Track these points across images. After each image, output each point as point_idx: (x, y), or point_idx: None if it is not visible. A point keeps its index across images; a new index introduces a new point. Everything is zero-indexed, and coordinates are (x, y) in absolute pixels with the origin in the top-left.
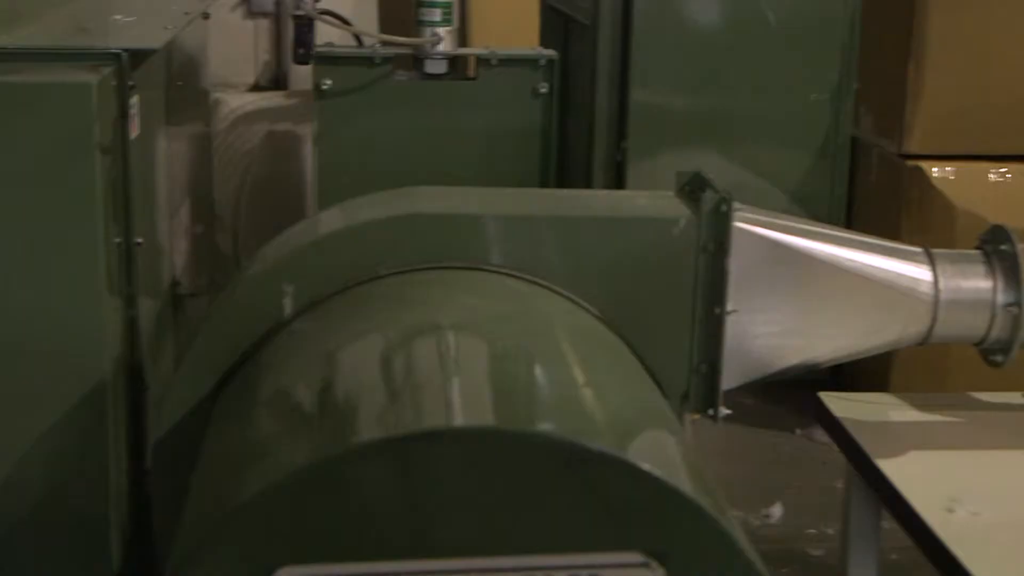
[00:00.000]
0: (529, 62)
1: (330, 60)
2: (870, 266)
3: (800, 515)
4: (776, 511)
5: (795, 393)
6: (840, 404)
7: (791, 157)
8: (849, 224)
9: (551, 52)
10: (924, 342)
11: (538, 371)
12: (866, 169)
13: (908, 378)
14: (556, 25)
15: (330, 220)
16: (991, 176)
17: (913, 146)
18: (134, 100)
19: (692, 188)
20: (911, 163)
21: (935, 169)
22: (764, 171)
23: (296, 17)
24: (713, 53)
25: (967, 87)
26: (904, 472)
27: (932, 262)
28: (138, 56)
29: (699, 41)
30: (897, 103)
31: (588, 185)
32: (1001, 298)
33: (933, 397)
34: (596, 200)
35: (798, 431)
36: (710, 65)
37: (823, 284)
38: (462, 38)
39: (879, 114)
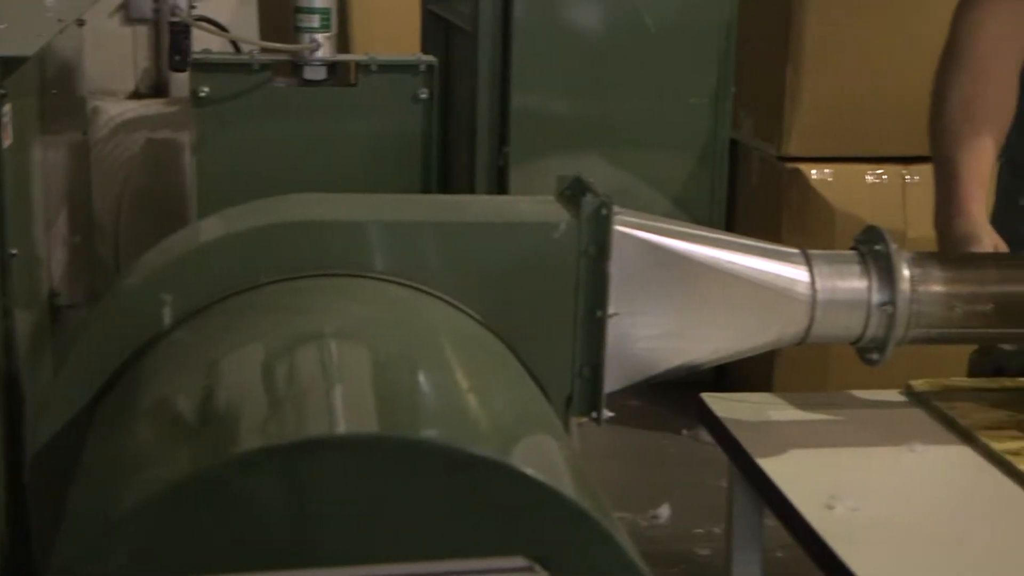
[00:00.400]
0: (409, 68)
1: (207, 67)
2: (748, 268)
3: (687, 515)
4: (664, 512)
5: (681, 394)
6: (722, 404)
7: (672, 161)
8: (732, 226)
9: (431, 58)
10: (802, 342)
11: (421, 377)
12: (747, 172)
13: (791, 377)
14: (437, 31)
15: (209, 228)
16: (868, 178)
17: (792, 149)
18: (6, 108)
19: (572, 192)
20: (790, 166)
21: (814, 171)
22: (646, 175)
23: (172, 24)
24: (593, 58)
25: (844, 90)
26: (785, 471)
27: (809, 263)
28: (9, 64)
29: (579, 46)
30: (776, 107)
31: (471, 190)
32: (876, 297)
33: (814, 396)
34: (478, 205)
35: (685, 432)
36: (590, 70)
37: (703, 286)
38: (344, 44)
39: (759, 118)
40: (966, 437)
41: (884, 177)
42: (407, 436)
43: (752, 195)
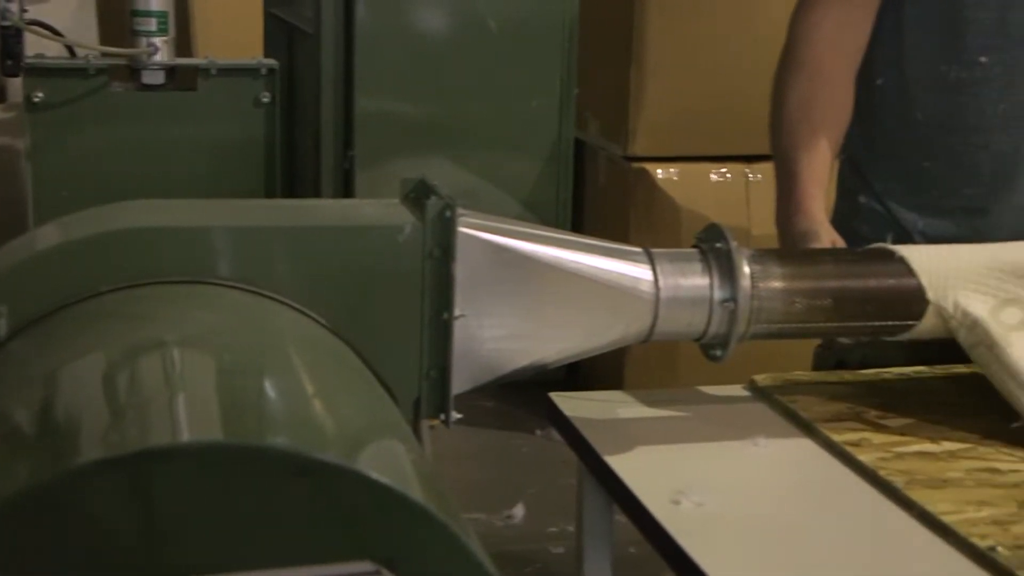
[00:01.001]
0: (250, 72)
1: (41, 72)
2: (593, 267)
3: (542, 514)
4: (518, 511)
5: (534, 394)
6: (570, 403)
7: (518, 162)
8: (580, 226)
9: (272, 61)
10: (647, 339)
11: (267, 384)
12: (594, 172)
13: (640, 375)
14: (280, 34)
15: (45, 237)
16: (712, 176)
17: (638, 149)
18: None
19: (417, 195)
20: (636, 165)
21: (659, 171)
22: (493, 177)
23: (3, 28)
24: (437, 60)
25: (688, 90)
26: (632, 467)
27: (652, 262)
28: None
29: (423, 48)
30: (620, 107)
31: (317, 195)
32: (718, 294)
33: (661, 393)
34: (323, 209)
35: (538, 432)
36: (435, 72)
37: (548, 286)
38: (187, 48)
39: (604, 118)
40: (808, 430)
41: (728, 176)
42: (252, 443)
43: (600, 195)
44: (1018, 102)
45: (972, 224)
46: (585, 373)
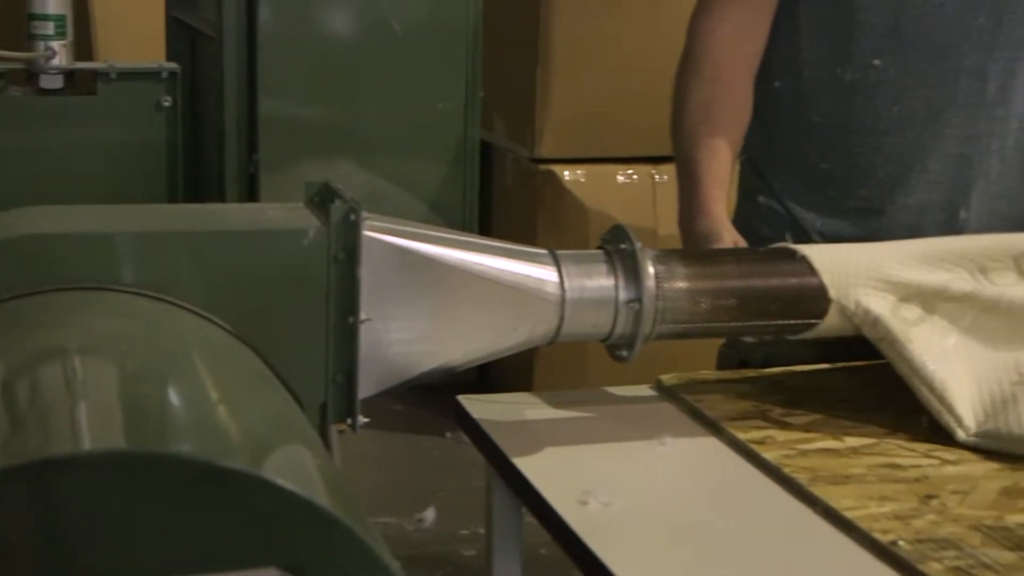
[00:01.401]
0: (151, 75)
1: None
2: (498, 269)
3: (453, 517)
4: (429, 515)
5: (444, 397)
6: (478, 406)
7: (424, 165)
8: (488, 228)
9: (173, 65)
10: (553, 341)
11: (170, 391)
12: (502, 174)
13: (550, 376)
14: (183, 38)
15: None
16: (619, 178)
17: (545, 151)
18: None
19: (321, 198)
20: (544, 167)
21: (567, 172)
22: (399, 180)
23: None
24: (342, 63)
25: (594, 92)
26: (540, 469)
27: (557, 263)
28: None
29: (327, 51)
30: (527, 109)
31: (222, 199)
32: (623, 295)
33: (569, 394)
34: (227, 214)
35: (448, 434)
36: (339, 75)
37: (454, 289)
38: (87, 53)
39: (511, 121)
40: (713, 428)
41: (634, 177)
42: (155, 450)
43: (507, 197)
44: (912, 104)
45: (868, 224)
46: (496, 375)
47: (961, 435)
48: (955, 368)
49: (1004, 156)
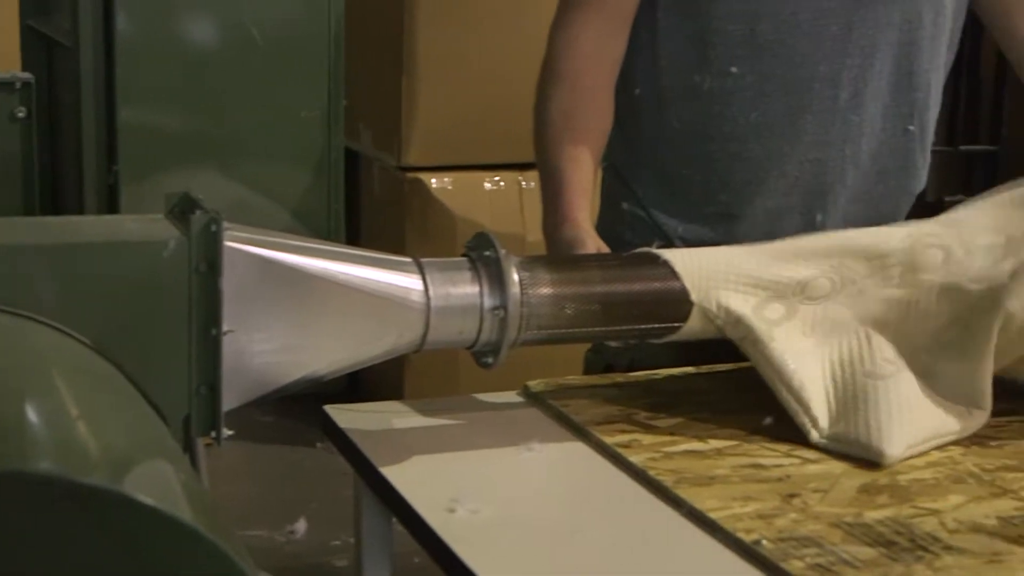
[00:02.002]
0: (4, 86)
1: None
2: (362, 278)
3: (324, 528)
4: (300, 526)
5: (315, 407)
6: (346, 416)
7: (289, 174)
8: (356, 237)
9: (27, 75)
10: (419, 349)
11: (28, 407)
12: (369, 183)
13: (421, 384)
14: (38, 47)
15: None
16: (486, 185)
17: (411, 159)
18: None
19: (181, 209)
20: (411, 175)
21: (434, 180)
22: (264, 189)
23: None
24: (202, 72)
25: (460, 99)
26: (407, 478)
27: (422, 271)
28: None
29: (187, 59)
30: (393, 117)
31: (81, 211)
32: (488, 302)
33: (438, 402)
34: (84, 226)
35: (319, 445)
36: (200, 84)
37: (318, 299)
38: None
39: (377, 128)
40: (580, 433)
41: (502, 184)
42: (14, 468)
43: (375, 205)
44: (769, 111)
45: (728, 229)
46: (367, 384)
47: (815, 436)
48: (813, 367)
49: (858, 161)
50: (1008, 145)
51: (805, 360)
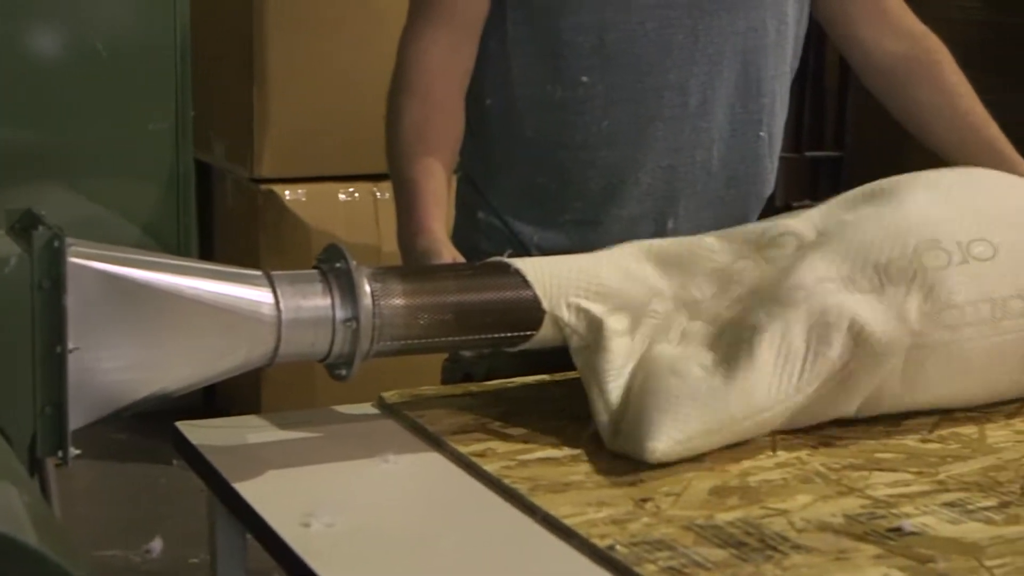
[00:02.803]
0: None
1: None
2: (212, 293)
3: (181, 546)
4: (156, 545)
5: (170, 424)
6: (198, 432)
7: (138, 189)
8: (210, 251)
9: None
10: (272, 362)
11: None
12: (222, 196)
13: (279, 397)
14: None
15: None
16: (341, 196)
17: (264, 170)
18: None
19: (23, 226)
20: (264, 187)
21: (287, 192)
22: (113, 204)
23: None
24: (46, 85)
25: (312, 111)
26: (261, 493)
27: (272, 284)
28: None
29: (29, 73)
30: (245, 129)
31: None
32: (340, 314)
33: (293, 415)
34: None
35: (175, 462)
36: (44, 98)
37: (166, 315)
38: None
39: (229, 141)
40: (436, 443)
41: (356, 195)
42: None
43: (229, 218)
44: (620, 119)
45: (583, 236)
46: (223, 398)
47: (608, 440)
48: (641, 379)
49: (708, 167)
50: (852, 151)
51: (634, 372)
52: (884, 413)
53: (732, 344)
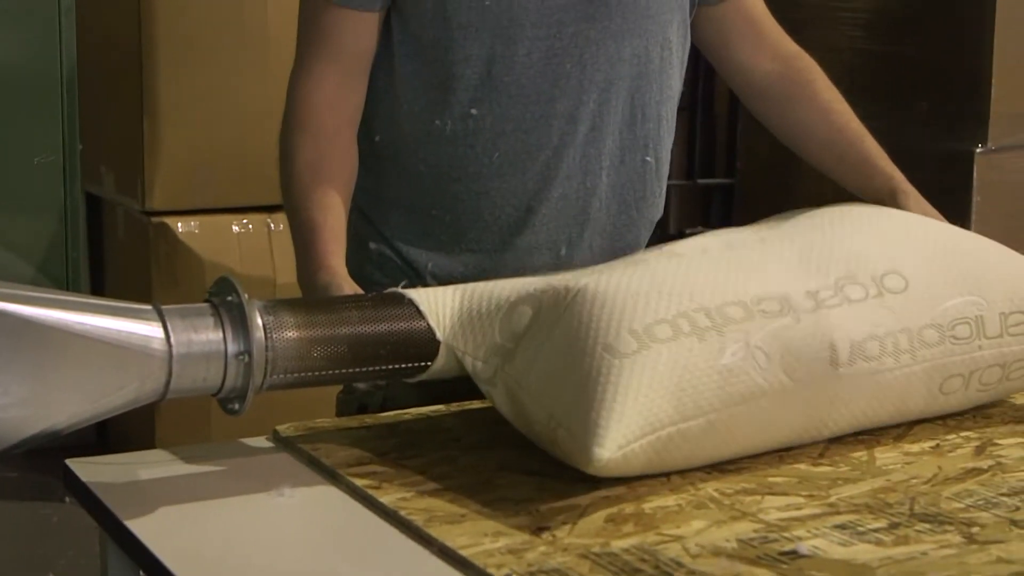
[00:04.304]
0: None
1: None
2: (100, 328)
3: None
4: None
5: (62, 460)
6: (89, 468)
7: (26, 223)
8: (102, 284)
9: None
10: (163, 397)
11: None
12: (113, 228)
13: (173, 432)
14: None
15: None
16: (235, 228)
17: (156, 203)
18: None
19: None
20: (156, 220)
21: (180, 224)
22: (3, 242)
23: None
24: None
25: (203, 142)
26: (154, 529)
27: (163, 319)
28: None
29: None
30: (135, 161)
31: None
32: (231, 348)
33: (188, 450)
34: None
35: (68, 499)
36: None
37: (53, 350)
38: None
39: (120, 173)
40: (331, 476)
41: (250, 227)
42: None
43: (121, 251)
44: (510, 150)
45: (479, 264)
46: (117, 434)
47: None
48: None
49: (599, 194)
50: (743, 177)
51: None
52: (803, 443)
53: None
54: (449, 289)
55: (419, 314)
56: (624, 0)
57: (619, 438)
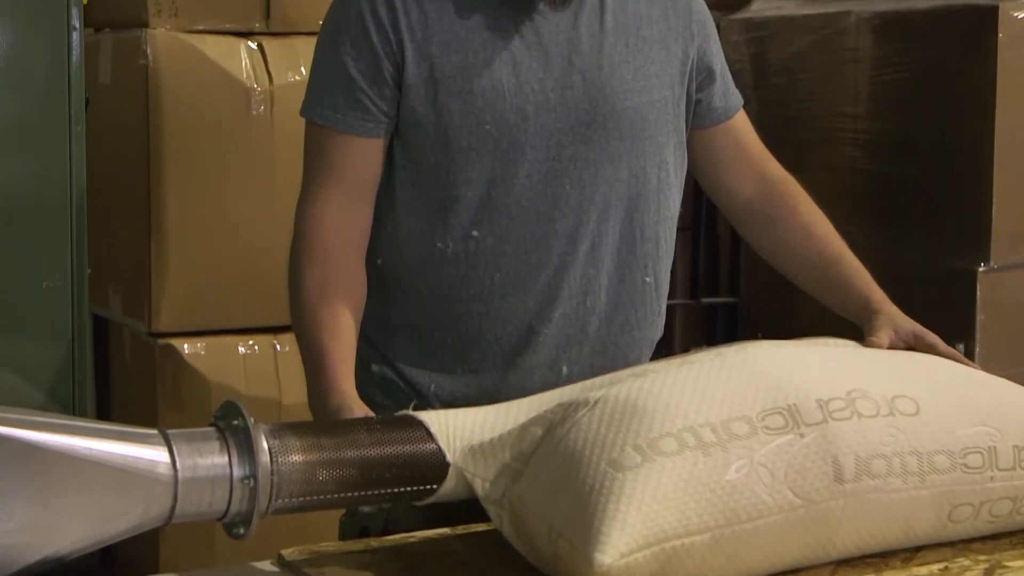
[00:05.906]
0: None
1: None
2: (105, 452)
3: None
4: None
5: None
6: None
7: (33, 348)
8: (108, 408)
9: None
10: (168, 522)
11: None
12: (120, 351)
13: (177, 556)
14: None
15: None
16: (241, 349)
17: (162, 324)
18: None
19: None
20: (162, 341)
21: (186, 346)
22: (7, 364)
23: None
24: None
25: (210, 264)
26: None
27: (168, 443)
28: None
29: None
30: (143, 283)
31: None
32: (237, 472)
33: (194, 575)
34: None
35: None
36: None
37: (58, 475)
38: None
39: (126, 295)
40: None
41: (256, 348)
42: None
43: (127, 374)
44: (511, 270)
45: (481, 385)
46: (120, 558)
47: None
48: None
49: (599, 312)
50: (746, 296)
51: None
52: (811, 564)
53: None
54: (460, 412)
55: (429, 436)
56: (621, 122)
57: (621, 545)
